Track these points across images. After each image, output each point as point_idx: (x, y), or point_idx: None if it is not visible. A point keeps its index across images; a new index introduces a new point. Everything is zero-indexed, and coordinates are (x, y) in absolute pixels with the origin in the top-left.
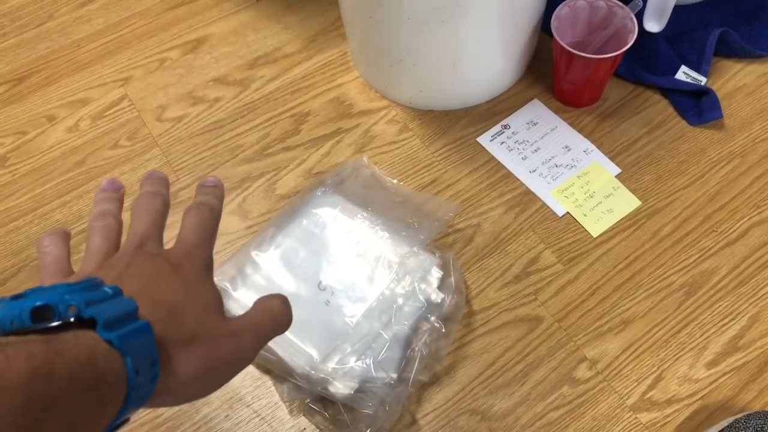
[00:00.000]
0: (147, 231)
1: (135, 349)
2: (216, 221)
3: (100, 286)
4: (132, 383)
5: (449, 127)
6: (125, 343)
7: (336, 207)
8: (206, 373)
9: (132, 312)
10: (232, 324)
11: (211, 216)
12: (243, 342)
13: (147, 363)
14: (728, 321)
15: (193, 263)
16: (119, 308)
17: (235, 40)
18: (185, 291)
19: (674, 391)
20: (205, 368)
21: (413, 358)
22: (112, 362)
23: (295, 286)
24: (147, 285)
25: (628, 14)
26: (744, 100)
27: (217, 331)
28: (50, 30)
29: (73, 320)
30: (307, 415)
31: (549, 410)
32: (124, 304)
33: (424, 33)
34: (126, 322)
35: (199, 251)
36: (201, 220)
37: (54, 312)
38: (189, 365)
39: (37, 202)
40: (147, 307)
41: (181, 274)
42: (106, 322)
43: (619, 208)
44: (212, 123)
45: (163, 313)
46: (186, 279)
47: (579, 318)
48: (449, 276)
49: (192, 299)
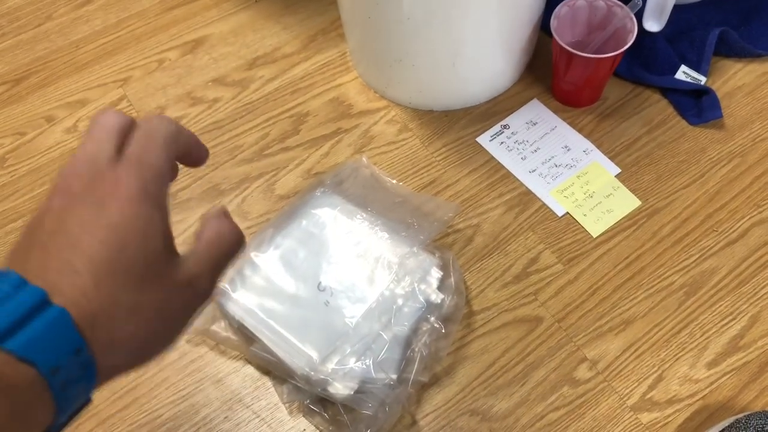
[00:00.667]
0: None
1: (46, 348)
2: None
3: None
4: (54, 384)
5: (449, 127)
6: (30, 348)
7: (335, 207)
8: (159, 335)
9: (38, 303)
10: (184, 269)
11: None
12: (200, 287)
13: (69, 354)
14: (729, 321)
15: (123, 189)
16: (18, 307)
17: (234, 40)
18: (114, 238)
19: (675, 391)
20: (159, 328)
21: (413, 359)
22: (22, 371)
23: (295, 286)
24: (66, 244)
25: (627, 14)
26: (744, 100)
27: (167, 282)
28: (49, 31)
29: None
30: (307, 416)
31: (549, 411)
32: (25, 299)
33: (424, 33)
34: (32, 318)
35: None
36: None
37: None
38: (135, 335)
39: (36, 203)
40: (66, 277)
41: (107, 214)
42: (2, 333)
43: (618, 208)
44: (211, 123)
45: (87, 281)
46: (113, 220)
47: (579, 318)
48: (449, 276)
49: (122, 249)
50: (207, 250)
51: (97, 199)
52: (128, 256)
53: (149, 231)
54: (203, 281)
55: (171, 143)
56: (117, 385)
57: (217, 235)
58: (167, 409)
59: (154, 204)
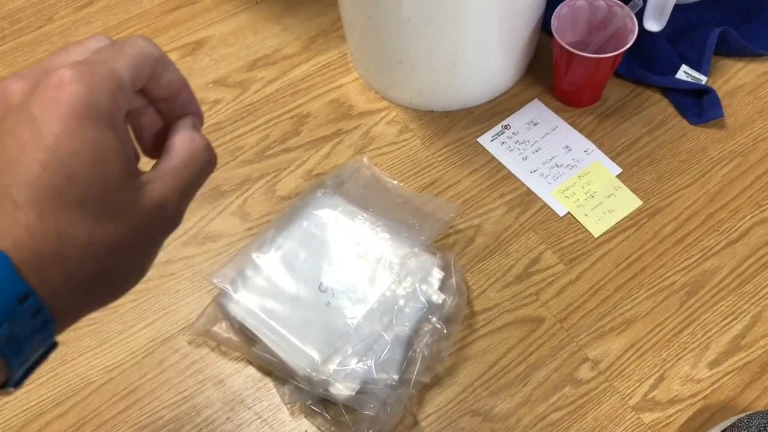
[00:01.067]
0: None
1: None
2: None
3: None
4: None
5: (449, 127)
6: None
7: (336, 208)
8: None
9: None
10: (149, 194)
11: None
12: (167, 214)
13: (12, 305)
14: (730, 320)
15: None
16: None
17: (234, 41)
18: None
19: (677, 391)
20: (123, 263)
21: (414, 360)
22: None
23: (296, 287)
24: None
25: (628, 14)
26: (745, 99)
27: (128, 211)
28: (49, 33)
29: None
30: (309, 416)
31: (551, 411)
32: None
33: (424, 34)
34: None
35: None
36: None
37: None
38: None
39: None
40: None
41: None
42: None
43: (620, 208)
44: (212, 125)
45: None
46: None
47: (581, 318)
48: (450, 277)
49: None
50: (175, 173)
51: (39, 113)
52: (78, 182)
53: (102, 152)
54: (171, 207)
55: (141, 58)
56: (118, 387)
57: (188, 156)
58: (169, 410)
59: (107, 120)
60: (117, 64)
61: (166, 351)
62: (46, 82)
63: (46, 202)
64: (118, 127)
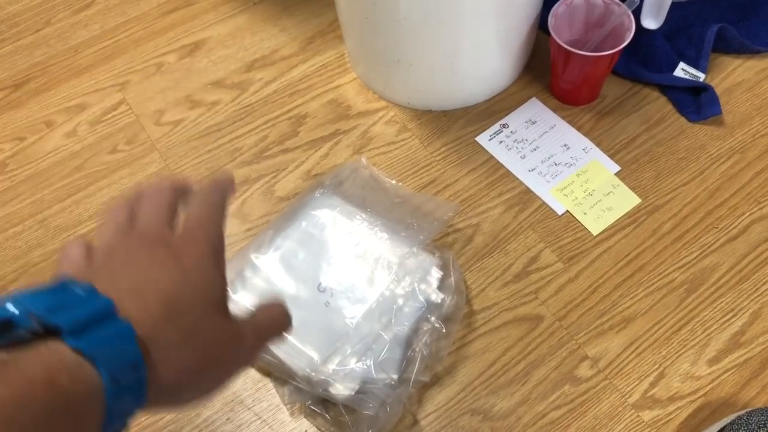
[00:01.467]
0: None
1: (110, 354)
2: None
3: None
4: (110, 393)
5: (448, 127)
6: (96, 349)
7: (335, 208)
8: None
9: (106, 311)
10: (235, 324)
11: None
12: (245, 345)
13: (127, 367)
14: (730, 317)
15: (196, 246)
16: (90, 310)
17: (232, 43)
18: (184, 280)
19: (676, 388)
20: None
21: (414, 359)
22: (82, 374)
23: (295, 288)
24: (136, 275)
25: (625, 11)
26: (743, 96)
27: (219, 330)
28: (47, 36)
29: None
30: (309, 417)
31: (551, 409)
32: (96, 305)
33: (421, 33)
34: (99, 324)
35: (204, 232)
36: (207, 199)
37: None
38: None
39: (37, 208)
40: (133, 301)
41: (180, 260)
42: (73, 329)
43: (618, 205)
44: (210, 126)
45: (154, 310)
46: (186, 266)
47: (580, 316)
48: (449, 276)
49: (191, 290)
50: (257, 320)
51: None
52: (195, 296)
53: (215, 282)
54: (249, 342)
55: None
56: None
57: (269, 312)
58: (168, 413)
59: (220, 262)
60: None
61: None
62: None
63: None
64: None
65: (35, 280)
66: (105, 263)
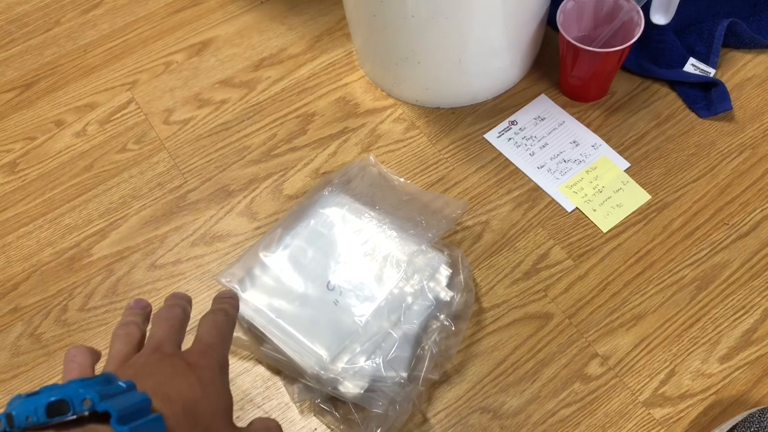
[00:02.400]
0: (165, 334)
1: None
2: (231, 325)
3: (114, 380)
4: None
5: (456, 124)
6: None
7: (343, 207)
8: None
9: (145, 406)
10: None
11: (227, 320)
12: None
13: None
14: (741, 315)
15: (208, 362)
16: (132, 402)
17: (239, 42)
18: (200, 389)
19: (687, 386)
20: None
21: (423, 357)
22: None
23: (304, 286)
24: (162, 382)
25: (634, 7)
26: (754, 91)
27: None
28: (57, 36)
29: (88, 414)
30: (318, 415)
31: (561, 407)
32: (137, 398)
33: (429, 30)
34: (139, 415)
35: (214, 351)
36: (216, 323)
37: (69, 406)
38: None
39: (47, 207)
40: (161, 402)
41: (196, 372)
42: (120, 416)
43: (628, 202)
44: (219, 125)
45: (176, 408)
46: (201, 378)
47: (590, 314)
48: (458, 274)
49: (206, 398)
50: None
51: (189, 363)
52: (209, 404)
53: (224, 395)
54: None
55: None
56: None
57: (265, 426)
58: None
59: (226, 379)
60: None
61: None
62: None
63: (186, 404)
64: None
65: (45, 279)
66: (137, 369)
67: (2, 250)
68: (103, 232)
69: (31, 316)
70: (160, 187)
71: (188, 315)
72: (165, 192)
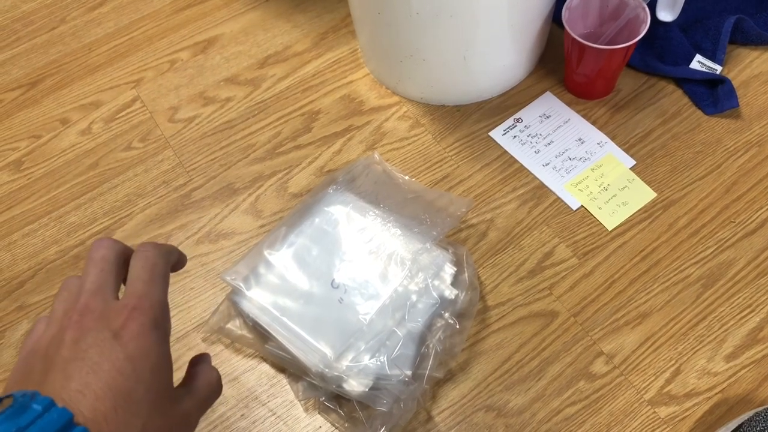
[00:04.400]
0: (90, 288)
1: None
2: (164, 259)
3: (27, 407)
4: None
5: (461, 122)
6: None
7: (348, 204)
8: None
9: (67, 424)
10: (182, 405)
11: (157, 253)
12: (191, 422)
13: None
14: (747, 313)
15: (140, 324)
16: (50, 426)
17: (245, 39)
18: (131, 369)
19: (693, 384)
20: None
21: (428, 355)
22: None
23: (308, 284)
24: (87, 370)
25: (640, 4)
26: (761, 89)
27: (169, 417)
28: (62, 34)
29: None
30: (323, 413)
31: (566, 405)
32: (54, 419)
33: (434, 28)
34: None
35: (147, 302)
36: (147, 261)
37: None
38: None
39: (52, 205)
40: (90, 402)
41: (124, 346)
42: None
43: (634, 200)
44: (224, 123)
45: (107, 406)
46: (130, 352)
47: (595, 312)
48: (463, 272)
49: (139, 380)
50: (200, 394)
51: (113, 332)
52: (144, 387)
53: (161, 365)
54: (194, 418)
55: (167, 274)
56: None
57: (208, 383)
58: None
59: (163, 336)
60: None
61: (181, 348)
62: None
63: (118, 397)
64: (168, 338)
65: (51, 277)
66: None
67: (8, 248)
68: (108, 231)
69: (37, 314)
70: (165, 185)
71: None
72: (170, 190)
